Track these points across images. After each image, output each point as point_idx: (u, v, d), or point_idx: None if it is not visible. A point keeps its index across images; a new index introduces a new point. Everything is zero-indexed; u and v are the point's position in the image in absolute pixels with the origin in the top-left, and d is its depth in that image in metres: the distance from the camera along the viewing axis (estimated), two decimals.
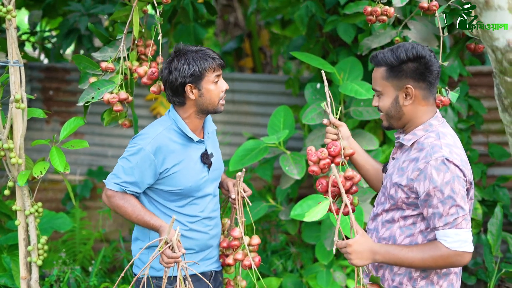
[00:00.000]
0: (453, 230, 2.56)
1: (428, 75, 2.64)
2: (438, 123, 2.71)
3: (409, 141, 2.71)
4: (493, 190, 5.71)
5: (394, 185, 2.70)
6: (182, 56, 3.12)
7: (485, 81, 6.06)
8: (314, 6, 5.17)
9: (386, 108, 2.73)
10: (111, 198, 3.12)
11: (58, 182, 6.86)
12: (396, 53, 2.64)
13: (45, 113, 3.58)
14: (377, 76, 2.72)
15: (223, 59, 3.21)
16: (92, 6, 5.81)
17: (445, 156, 2.55)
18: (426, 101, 2.69)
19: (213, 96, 3.14)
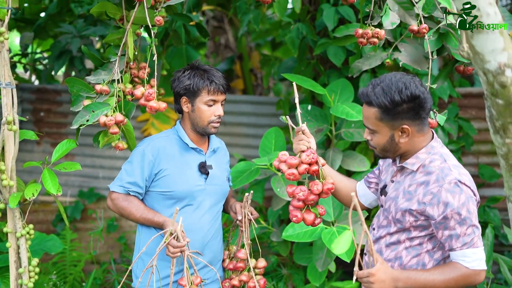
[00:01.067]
0: (470, 249, 2.58)
1: (422, 112, 2.62)
2: (438, 145, 2.73)
3: (413, 165, 2.70)
4: (484, 211, 5.73)
5: (401, 210, 2.69)
6: (190, 69, 3.30)
7: (475, 102, 6.10)
8: (305, 29, 5.20)
9: (381, 145, 2.71)
10: (116, 200, 3.25)
11: (49, 203, 6.83)
12: (390, 95, 2.57)
13: (36, 135, 3.58)
14: (369, 115, 2.67)
15: (225, 87, 3.31)
16: (84, 28, 5.83)
17: (458, 179, 2.57)
18: (421, 132, 2.69)
19: (203, 117, 3.28)
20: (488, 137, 6.10)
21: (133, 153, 3.32)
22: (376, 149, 2.76)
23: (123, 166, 3.33)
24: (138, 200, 3.26)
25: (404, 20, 3.52)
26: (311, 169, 2.76)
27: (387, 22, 3.46)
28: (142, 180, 3.25)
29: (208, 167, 3.35)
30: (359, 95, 2.71)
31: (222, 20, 9.31)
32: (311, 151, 2.76)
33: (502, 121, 2.26)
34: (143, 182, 3.25)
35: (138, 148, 3.32)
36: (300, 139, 2.83)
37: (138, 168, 3.25)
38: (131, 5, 3.59)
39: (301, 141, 2.81)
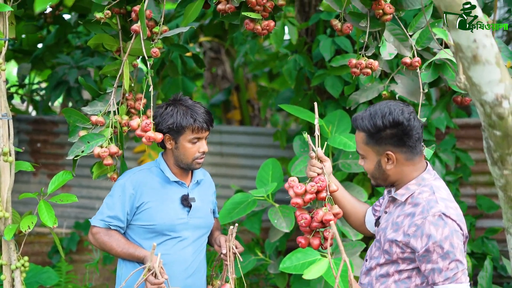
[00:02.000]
0: (453, 285, 2.52)
1: (407, 140, 2.63)
2: (430, 177, 2.71)
3: (402, 196, 2.69)
4: (482, 243, 5.70)
5: (388, 241, 2.67)
6: (173, 105, 3.25)
7: (472, 133, 6.11)
8: (302, 60, 5.22)
9: (370, 171, 2.74)
10: (97, 235, 3.21)
11: (44, 235, 6.78)
12: (373, 120, 2.62)
13: (32, 166, 3.56)
14: (358, 140, 2.72)
15: (209, 123, 3.28)
16: (81, 58, 5.85)
17: (442, 211, 2.54)
18: (410, 161, 2.68)
19: (187, 154, 3.25)
20: (486, 168, 6.09)
21: (114, 186, 3.28)
22: (369, 176, 2.79)
23: (104, 199, 3.29)
24: (119, 234, 3.22)
25: (399, 51, 3.53)
26: (319, 196, 2.79)
27: (385, 52, 3.47)
28: (123, 214, 3.20)
29: (191, 199, 3.31)
30: (352, 122, 2.75)
31: (219, 51, 9.35)
32: (320, 179, 2.77)
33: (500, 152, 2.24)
34: (124, 216, 3.21)
35: (119, 181, 3.29)
36: (312, 164, 2.84)
37: (119, 201, 3.20)
38: (128, 37, 3.61)
39: (312, 167, 2.83)
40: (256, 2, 3.29)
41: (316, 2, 5.59)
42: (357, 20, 3.44)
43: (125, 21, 3.70)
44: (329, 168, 2.88)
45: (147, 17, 3.37)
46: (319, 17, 5.33)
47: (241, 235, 6.12)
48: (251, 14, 3.29)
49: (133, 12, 3.39)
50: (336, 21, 3.48)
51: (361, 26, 3.44)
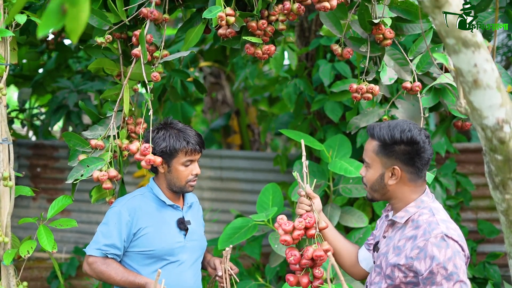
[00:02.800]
0: None
1: (418, 161, 2.64)
2: (429, 199, 2.70)
3: (402, 219, 2.68)
4: (484, 268, 5.67)
5: (391, 265, 2.64)
6: (164, 130, 3.24)
7: (473, 157, 6.11)
8: (302, 84, 5.24)
9: (371, 182, 2.72)
10: (93, 264, 3.14)
11: (43, 260, 6.75)
12: (391, 132, 2.62)
13: (32, 190, 3.55)
14: (369, 147, 2.72)
15: (201, 145, 3.27)
16: (81, 83, 5.86)
17: (444, 233, 2.53)
18: (413, 183, 2.69)
19: (180, 177, 3.23)
20: (486, 192, 6.08)
21: (109, 213, 3.23)
22: (367, 187, 2.77)
23: (98, 228, 3.23)
24: (116, 262, 3.17)
25: (400, 76, 3.53)
26: (308, 233, 2.75)
27: (385, 77, 3.48)
28: (120, 242, 3.15)
29: (186, 222, 3.29)
30: (368, 130, 2.75)
31: (220, 76, 9.38)
32: (308, 215, 2.74)
33: (501, 176, 2.23)
34: (121, 244, 3.16)
35: (114, 208, 3.24)
36: (301, 202, 2.82)
37: (115, 229, 3.16)
38: (128, 61, 3.62)
39: (301, 204, 2.81)
40: (257, 27, 3.31)
41: (316, 27, 5.62)
42: (357, 45, 3.46)
43: (126, 45, 3.71)
44: (318, 205, 2.86)
45: (147, 42, 3.38)
46: (319, 42, 5.35)
47: (241, 260, 6.09)
48: (252, 38, 3.30)
49: (134, 36, 3.41)
50: (337, 46, 3.49)
51: (361, 51, 3.45)
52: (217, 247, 4.37)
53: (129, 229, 3.16)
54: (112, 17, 3.49)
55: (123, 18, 3.46)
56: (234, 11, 3.27)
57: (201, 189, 6.79)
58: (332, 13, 3.42)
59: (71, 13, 1.23)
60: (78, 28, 1.25)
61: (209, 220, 6.63)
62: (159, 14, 3.43)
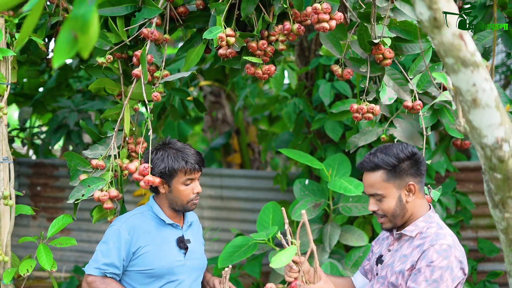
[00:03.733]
0: None
1: (422, 168, 2.77)
2: (435, 216, 2.81)
3: (412, 232, 2.75)
4: (484, 286, 5.65)
5: (396, 273, 2.71)
6: (162, 150, 3.22)
7: (472, 176, 6.11)
8: (301, 103, 5.26)
9: (391, 210, 2.76)
10: (92, 284, 3.09)
11: (43, 279, 6.74)
12: (393, 154, 2.73)
13: (32, 209, 3.55)
14: (375, 180, 2.75)
15: (201, 164, 3.25)
16: (82, 102, 5.87)
17: (450, 245, 2.62)
18: (422, 193, 2.80)
19: (181, 196, 3.21)
20: (486, 210, 6.07)
21: (108, 233, 3.19)
22: (386, 217, 2.79)
23: (97, 247, 3.19)
24: (115, 282, 3.12)
25: (399, 96, 3.55)
26: None
27: (385, 97, 3.49)
28: (119, 261, 3.11)
29: (186, 241, 3.27)
30: (359, 166, 2.82)
31: (220, 95, 9.40)
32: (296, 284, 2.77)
33: (500, 195, 2.24)
34: (120, 263, 3.12)
35: (113, 227, 3.20)
36: (288, 270, 2.84)
37: (114, 248, 3.12)
38: (129, 81, 3.63)
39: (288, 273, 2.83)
40: (257, 47, 3.32)
41: (315, 47, 5.64)
42: (357, 65, 3.47)
43: (127, 65, 3.73)
44: (306, 267, 2.89)
45: (148, 62, 3.38)
46: (319, 62, 5.37)
47: (242, 279, 6.07)
48: (252, 58, 3.31)
49: (135, 56, 3.42)
50: (337, 67, 3.50)
51: (361, 71, 3.46)
52: (217, 266, 4.36)
53: (129, 248, 3.14)
54: (113, 37, 3.51)
55: (124, 39, 3.47)
56: (234, 32, 3.28)
57: (201, 208, 6.79)
58: (331, 34, 3.43)
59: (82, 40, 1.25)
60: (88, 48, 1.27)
61: (209, 239, 6.62)
62: (160, 34, 3.44)
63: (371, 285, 2.89)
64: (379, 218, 2.82)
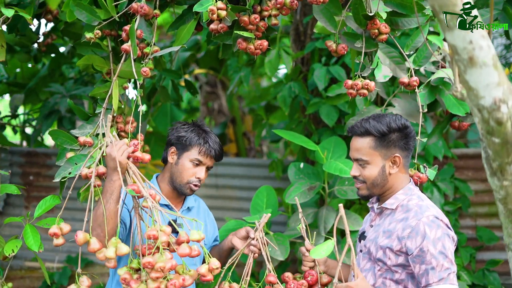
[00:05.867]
0: (447, 285, 2.57)
1: (411, 144, 2.79)
2: (415, 188, 2.83)
3: (392, 205, 2.76)
4: (483, 275, 5.56)
5: (381, 248, 2.70)
6: (191, 125, 3.22)
7: (471, 163, 6.04)
8: (297, 87, 5.17)
9: (372, 178, 2.76)
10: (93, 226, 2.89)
11: (35, 269, 6.65)
12: (385, 122, 2.73)
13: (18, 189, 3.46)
14: (363, 145, 2.76)
15: (218, 154, 3.21)
16: (74, 88, 5.78)
17: (435, 215, 2.63)
18: (406, 168, 2.81)
19: (184, 173, 3.14)
20: (485, 198, 6.02)
21: None
22: (365, 184, 2.80)
23: None
24: None
25: (395, 74, 3.50)
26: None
27: (380, 75, 3.43)
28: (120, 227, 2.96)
29: (178, 225, 3.15)
30: (349, 130, 2.84)
31: (216, 85, 9.31)
32: (310, 273, 2.86)
33: (499, 161, 2.15)
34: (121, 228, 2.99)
35: None
36: (304, 259, 2.94)
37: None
38: (118, 60, 3.53)
39: (304, 262, 2.94)
40: (249, 21, 3.24)
41: (311, 31, 5.56)
42: (352, 41, 3.40)
43: (116, 43, 3.64)
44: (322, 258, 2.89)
45: (137, 37, 3.30)
46: (315, 46, 5.29)
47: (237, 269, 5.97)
48: (244, 33, 3.24)
49: (124, 32, 3.35)
50: (331, 42, 3.43)
51: (356, 47, 3.39)
52: None
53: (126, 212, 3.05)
54: (102, 13, 3.43)
55: (113, 14, 3.40)
56: (225, 5, 3.21)
57: None
58: (325, 9, 3.36)
59: None
60: None
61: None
62: (150, 9, 3.37)
63: (357, 262, 2.89)
64: (358, 183, 2.83)
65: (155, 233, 2.55)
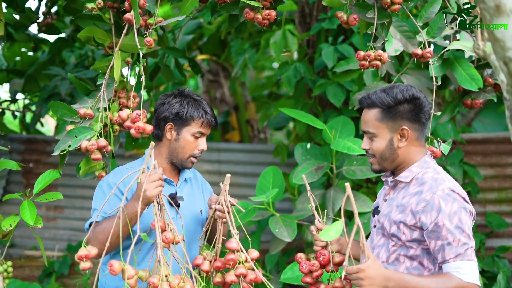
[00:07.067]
0: (465, 262, 2.48)
1: (422, 116, 2.65)
2: (431, 161, 2.72)
3: (406, 178, 2.66)
4: (493, 261, 5.45)
5: (396, 223, 2.61)
6: (181, 96, 3.07)
7: (480, 148, 5.97)
8: (303, 68, 5.04)
9: (380, 151, 2.68)
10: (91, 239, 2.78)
11: (35, 258, 6.58)
12: (392, 94, 2.62)
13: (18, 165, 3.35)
14: (370, 117, 2.67)
15: (216, 121, 3.12)
16: (75, 70, 5.66)
17: (451, 188, 2.53)
18: (419, 141, 2.69)
19: (186, 148, 3.04)
20: (495, 184, 5.95)
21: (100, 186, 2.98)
22: (375, 158, 2.71)
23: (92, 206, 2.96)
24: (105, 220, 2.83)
25: (406, 49, 3.44)
26: (326, 269, 2.74)
27: (391, 49, 3.36)
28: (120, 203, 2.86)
29: (179, 198, 3.06)
30: (360, 101, 2.74)
31: (218, 74, 9.21)
32: (322, 253, 2.72)
33: None
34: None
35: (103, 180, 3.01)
36: (316, 239, 2.80)
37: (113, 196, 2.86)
38: (120, 33, 3.41)
39: (316, 241, 2.80)
40: None
41: (317, 13, 5.45)
42: (363, 12, 3.28)
43: (119, 17, 3.53)
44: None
45: (140, 7, 3.19)
46: (321, 26, 5.17)
47: None
48: (251, 2, 3.12)
49: (126, 1, 3.23)
50: (342, 13, 3.32)
51: (368, 18, 3.28)
52: None
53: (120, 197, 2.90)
54: None
55: None
56: None
57: None
58: None
59: None
60: None
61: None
62: None
63: (371, 238, 2.81)
64: (370, 158, 2.74)
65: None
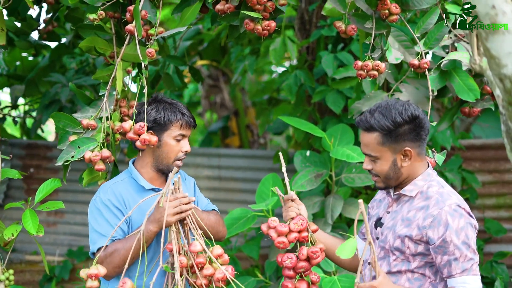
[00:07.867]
0: (471, 276, 2.51)
1: (423, 133, 2.62)
2: (434, 173, 2.72)
3: (411, 192, 2.65)
4: (491, 267, 5.48)
5: (400, 237, 2.62)
6: (156, 102, 3.08)
7: (478, 154, 6.00)
8: (303, 75, 5.08)
9: (384, 172, 2.66)
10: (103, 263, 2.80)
11: (35, 263, 6.60)
12: (390, 117, 2.57)
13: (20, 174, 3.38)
14: (370, 141, 2.63)
15: (194, 120, 3.12)
16: (75, 77, 5.69)
17: (457, 203, 2.55)
18: (421, 156, 2.67)
19: (170, 152, 3.04)
20: (493, 190, 5.98)
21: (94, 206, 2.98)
22: (379, 178, 2.69)
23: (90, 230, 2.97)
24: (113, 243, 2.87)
25: (405, 59, 3.45)
26: (301, 236, 2.69)
27: (391, 57, 3.38)
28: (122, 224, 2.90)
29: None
30: (357, 123, 2.69)
31: (218, 79, 9.25)
32: (300, 218, 2.70)
33: None
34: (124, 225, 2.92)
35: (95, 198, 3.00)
36: (289, 206, 2.77)
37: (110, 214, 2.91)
38: (122, 43, 3.45)
39: (289, 208, 2.76)
40: (256, 1, 3.15)
41: (317, 20, 5.49)
42: (362, 22, 3.31)
43: (120, 26, 3.56)
44: (304, 212, 2.79)
45: (142, 18, 3.22)
46: (321, 33, 5.20)
47: (240, 261, 5.90)
48: (251, 13, 3.15)
49: (128, 12, 3.26)
50: (340, 23, 3.36)
51: (366, 28, 3.31)
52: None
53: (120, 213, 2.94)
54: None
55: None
56: None
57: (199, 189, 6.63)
58: None
59: None
60: None
61: None
62: None
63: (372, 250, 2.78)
64: (373, 177, 2.72)
65: None
